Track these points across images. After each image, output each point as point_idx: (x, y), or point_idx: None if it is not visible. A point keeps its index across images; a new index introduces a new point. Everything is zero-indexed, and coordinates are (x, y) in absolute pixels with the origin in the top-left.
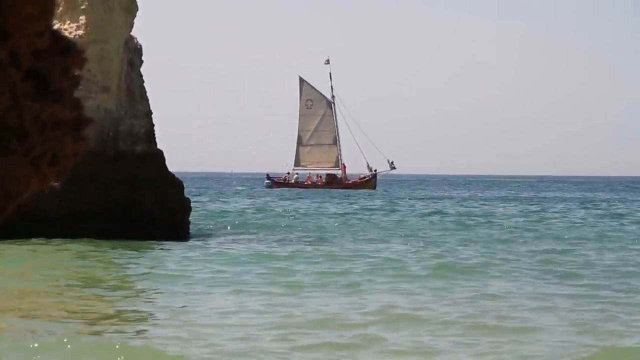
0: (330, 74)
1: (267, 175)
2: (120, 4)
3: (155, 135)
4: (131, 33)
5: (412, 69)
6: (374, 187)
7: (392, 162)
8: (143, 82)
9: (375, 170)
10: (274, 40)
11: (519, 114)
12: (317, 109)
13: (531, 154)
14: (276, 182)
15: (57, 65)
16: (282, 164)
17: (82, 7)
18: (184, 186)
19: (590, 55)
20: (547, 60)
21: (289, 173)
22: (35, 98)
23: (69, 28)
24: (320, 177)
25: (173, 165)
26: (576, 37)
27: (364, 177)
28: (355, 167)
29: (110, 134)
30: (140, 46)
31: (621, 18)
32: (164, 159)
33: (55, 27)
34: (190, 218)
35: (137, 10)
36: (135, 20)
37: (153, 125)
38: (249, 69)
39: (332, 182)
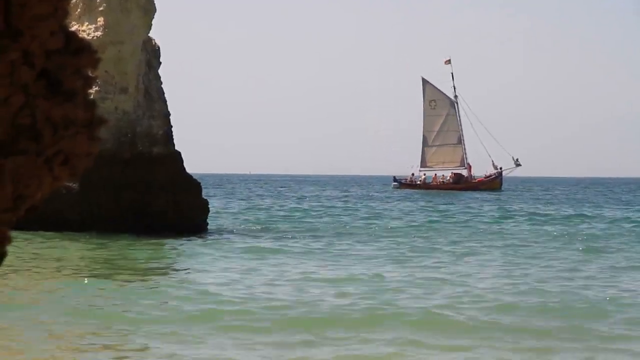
0: (452, 73)
1: (394, 177)
2: (138, 5)
3: (173, 137)
4: (149, 34)
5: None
6: (500, 186)
7: (517, 160)
8: (161, 83)
9: (501, 168)
10: (274, 43)
11: (523, 113)
12: (440, 109)
13: (534, 154)
14: (404, 184)
15: (69, 65)
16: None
17: (100, 8)
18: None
19: (596, 52)
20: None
21: (413, 174)
22: (48, 98)
23: (87, 29)
24: (451, 174)
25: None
26: (584, 33)
27: (490, 176)
28: (480, 166)
29: (128, 135)
30: (159, 47)
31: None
32: (181, 160)
33: (74, 28)
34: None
35: (155, 11)
36: (157, 22)
37: (171, 126)
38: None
39: (459, 181)
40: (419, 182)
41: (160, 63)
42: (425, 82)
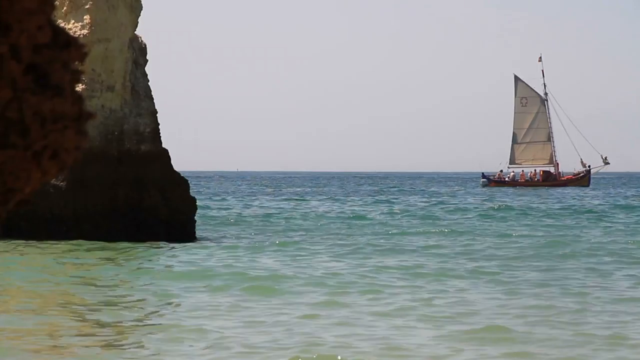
0: (542, 71)
1: (483, 174)
2: (125, 2)
3: (160, 134)
4: (136, 32)
5: (417, 63)
6: (588, 184)
7: (605, 158)
8: (148, 81)
9: (589, 166)
10: (277, 42)
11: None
12: (531, 106)
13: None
14: (492, 181)
15: (57, 59)
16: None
17: (87, 6)
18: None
19: (594, 47)
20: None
21: (501, 171)
22: (36, 92)
23: (74, 27)
24: (542, 172)
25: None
26: (580, 28)
27: (579, 173)
28: (567, 163)
29: (115, 132)
30: (145, 45)
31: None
32: (169, 158)
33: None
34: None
35: (142, 8)
36: (144, 19)
37: (158, 124)
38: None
39: (547, 179)
40: (507, 179)
41: (147, 61)
42: (517, 79)
